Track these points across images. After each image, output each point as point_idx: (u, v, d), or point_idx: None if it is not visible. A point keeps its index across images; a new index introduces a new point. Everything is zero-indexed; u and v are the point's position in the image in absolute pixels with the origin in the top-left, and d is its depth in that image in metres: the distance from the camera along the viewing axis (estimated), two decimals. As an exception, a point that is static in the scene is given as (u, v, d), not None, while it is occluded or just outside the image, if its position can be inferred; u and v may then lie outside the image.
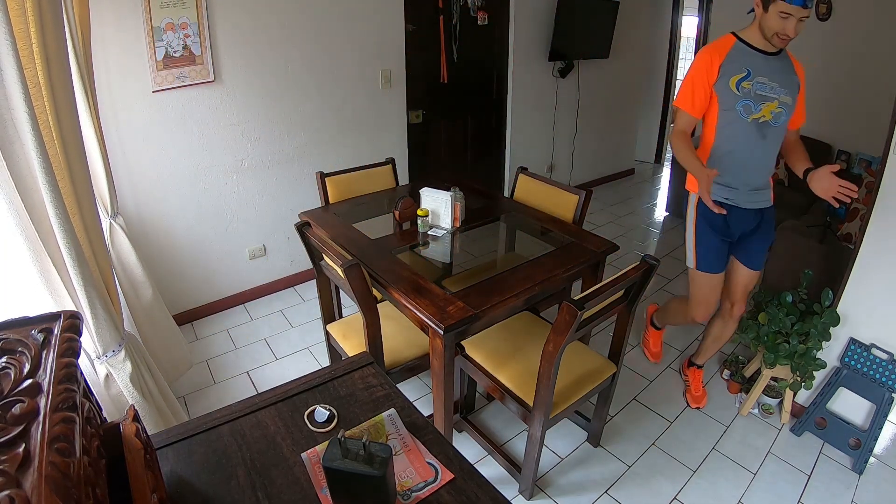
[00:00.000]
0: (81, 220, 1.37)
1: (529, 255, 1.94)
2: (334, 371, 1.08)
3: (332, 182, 2.34)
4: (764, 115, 1.73)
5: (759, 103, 1.72)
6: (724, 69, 1.73)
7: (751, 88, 1.72)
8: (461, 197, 2.13)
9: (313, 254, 1.91)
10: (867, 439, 1.89)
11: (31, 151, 1.11)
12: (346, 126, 3.01)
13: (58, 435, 0.50)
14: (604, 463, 1.96)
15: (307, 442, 0.91)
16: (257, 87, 2.61)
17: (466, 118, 3.72)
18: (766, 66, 1.72)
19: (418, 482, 0.83)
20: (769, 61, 1.73)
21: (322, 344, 2.57)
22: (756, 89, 1.72)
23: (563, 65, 3.96)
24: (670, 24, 5.17)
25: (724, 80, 1.73)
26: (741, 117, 1.74)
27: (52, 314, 0.64)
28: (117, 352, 1.46)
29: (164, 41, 2.25)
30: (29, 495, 0.42)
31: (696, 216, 1.93)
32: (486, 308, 1.54)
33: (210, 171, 2.61)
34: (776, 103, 1.73)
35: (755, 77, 1.71)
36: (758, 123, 1.74)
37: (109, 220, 1.95)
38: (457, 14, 3.28)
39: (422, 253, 2.03)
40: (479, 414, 2.19)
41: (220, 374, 2.40)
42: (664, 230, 4.12)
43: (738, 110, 1.74)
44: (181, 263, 2.67)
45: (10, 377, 0.54)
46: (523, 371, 1.69)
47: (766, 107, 1.72)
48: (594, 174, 4.88)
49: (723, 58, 1.74)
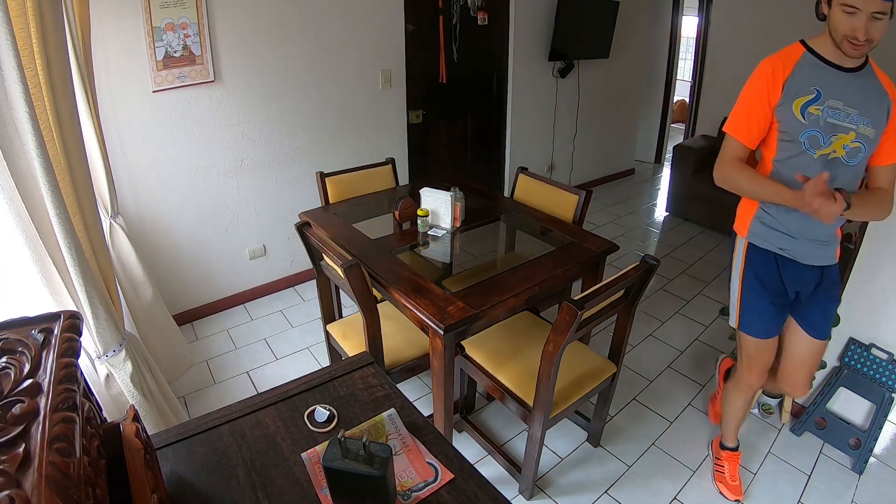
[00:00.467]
0: (82, 219, 1.37)
1: (529, 255, 1.94)
2: (334, 371, 1.08)
3: (332, 182, 2.34)
4: (835, 149, 1.35)
5: (830, 135, 1.35)
6: (789, 88, 1.36)
7: (820, 115, 1.34)
8: (461, 197, 2.13)
9: (313, 254, 1.91)
10: (867, 439, 1.89)
11: (31, 151, 1.12)
12: (346, 126, 3.01)
13: (58, 435, 0.49)
14: (604, 463, 1.96)
15: (307, 442, 0.91)
16: (257, 87, 2.61)
17: (466, 118, 3.72)
18: (842, 87, 1.34)
19: (418, 482, 0.83)
20: (847, 80, 1.34)
21: (322, 344, 2.57)
22: (827, 116, 1.34)
23: (563, 65, 3.96)
24: (670, 24, 5.17)
25: (787, 103, 1.36)
26: (805, 152, 1.37)
27: (52, 314, 0.63)
28: (118, 352, 1.46)
29: (164, 41, 2.25)
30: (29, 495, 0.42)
31: (744, 268, 1.58)
32: (486, 308, 1.54)
33: (210, 171, 2.61)
34: (852, 135, 1.34)
35: (826, 100, 1.34)
36: (826, 160, 1.37)
37: (109, 220, 1.95)
38: (457, 14, 3.27)
39: (422, 253, 2.03)
40: (479, 414, 2.19)
41: (220, 374, 2.40)
42: (664, 230, 4.12)
43: (803, 143, 1.37)
44: (181, 263, 2.67)
45: (10, 377, 0.54)
46: (523, 371, 1.69)
47: (839, 139, 1.35)
48: (594, 174, 4.88)
49: (788, 73, 1.36)
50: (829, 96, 1.34)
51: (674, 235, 3.97)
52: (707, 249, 3.72)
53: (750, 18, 4.01)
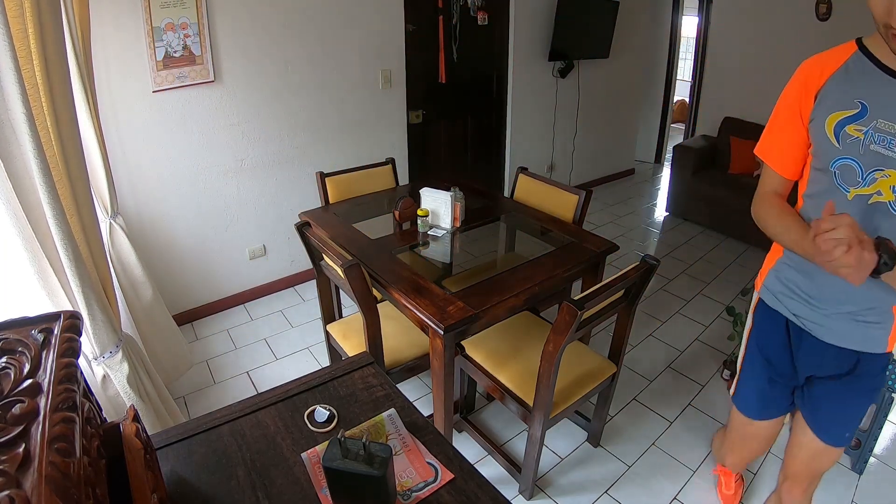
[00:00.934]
0: (79, 221, 1.37)
1: (529, 255, 1.94)
2: (334, 371, 1.08)
3: (332, 182, 2.34)
4: (880, 189, 0.96)
5: (873, 168, 0.96)
6: (823, 98, 1.01)
7: (861, 139, 0.97)
8: (461, 197, 2.13)
9: (313, 254, 1.91)
10: (867, 439, 1.89)
11: (28, 153, 1.11)
12: (346, 126, 3.01)
13: (58, 435, 0.49)
14: (604, 463, 1.96)
15: (307, 442, 0.91)
16: (257, 87, 2.61)
17: (466, 118, 3.72)
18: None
19: (418, 482, 0.83)
20: None
21: (322, 344, 2.57)
22: (871, 141, 0.96)
23: (563, 65, 3.96)
24: (670, 24, 5.17)
25: (820, 118, 1.01)
26: (836, 186, 1.01)
27: (52, 314, 0.63)
28: (114, 353, 1.46)
29: (164, 41, 2.25)
30: (29, 495, 0.42)
31: (752, 329, 1.30)
32: (486, 308, 1.54)
33: (210, 171, 2.61)
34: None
35: (874, 119, 0.95)
36: (865, 204, 0.98)
37: (109, 221, 1.95)
38: (457, 14, 3.27)
39: (422, 253, 2.03)
40: (479, 414, 2.19)
41: (220, 374, 2.40)
42: (664, 230, 4.12)
43: (834, 174, 1.01)
44: (181, 263, 2.67)
45: (10, 377, 0.54)
46: (523, 371, 1.69)
47: (887, 178, 0.95)
48: (594, 174, 4.88)
49: (826, 78, 1.01)
50: (879, 115, 0.94)
51: (674, 235, 3.97)
52: (707, 249, 3.72)
53: (750, 18, 4.01)
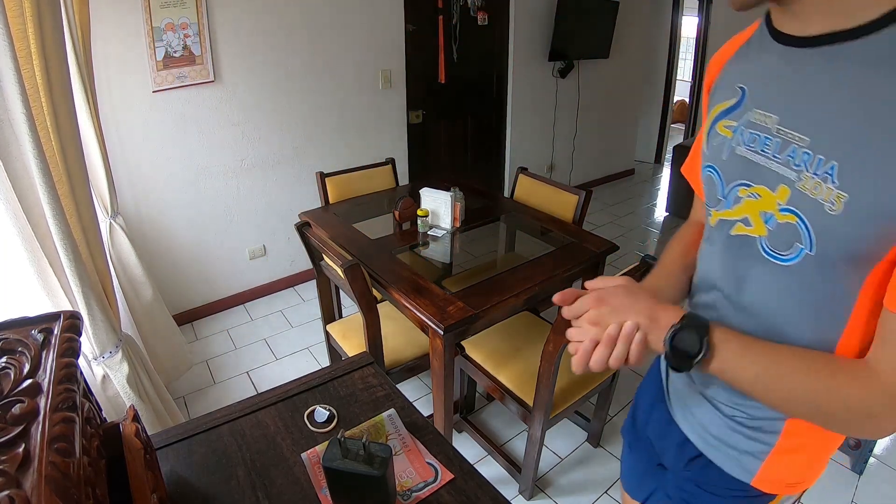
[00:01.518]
0: (79, 221, 1.37)
1: (529, 255, 1.94)
2: (334, 371, 1.08)
3: (332, 182, 2.34)
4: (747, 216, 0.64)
5: (737, 181, 0.65)
6: (716, 87, 0.73)
7: (728, 139, 0.67)
8: (461, 197, 2.13)
9: (313, 254, 1.91)
10: (867, 439, 1.89)
11: (28, 153, 1.11)
12: (345, 126, 3.01)
13: (58, 435, 0.49)
14: (604, 463, 1.96)
15: (307, 442, 0.90)
16: (257, 87, 2.61)
17: (466, 118, 3.72)
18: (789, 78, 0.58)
19: (418, 482, 0.83)
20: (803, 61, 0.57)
21: (322, 344, 2.57)
22: (739, 141, 0.65)
23: (563, 65, 3.96)
24: (670, 24, 5.17)
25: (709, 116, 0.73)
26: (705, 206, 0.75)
27: (52, 314, 0.63)
28: (114, 353, 1.46)
29: (164, 41, 2.25)
30: (29, 495, 0.42)
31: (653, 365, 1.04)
32: (486, 308, 1.54)
33: (210, 171, 2.61)
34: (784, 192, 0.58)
35: (750, 108, 0.63)
36: (727, 235, 0.68)
37: (109, 220, 1.95)
38: (457, 14, 3.27)
39: (422, 253, 2.03)
40: (479, 414, 2.19)
41: (219, 374, 2.40)
42: (664, 230, 4.12)
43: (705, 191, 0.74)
44: (181, 263, 2.67)
45: (10, 377, 0.54)
46: (523, 371, 1.69)
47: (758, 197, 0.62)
48: (594, 174, 4.89)
49: (723, 62, 0.74)
50: (755, 103, 0.63)
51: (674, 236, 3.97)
52: (707, 249, 3.72)
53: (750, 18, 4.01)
